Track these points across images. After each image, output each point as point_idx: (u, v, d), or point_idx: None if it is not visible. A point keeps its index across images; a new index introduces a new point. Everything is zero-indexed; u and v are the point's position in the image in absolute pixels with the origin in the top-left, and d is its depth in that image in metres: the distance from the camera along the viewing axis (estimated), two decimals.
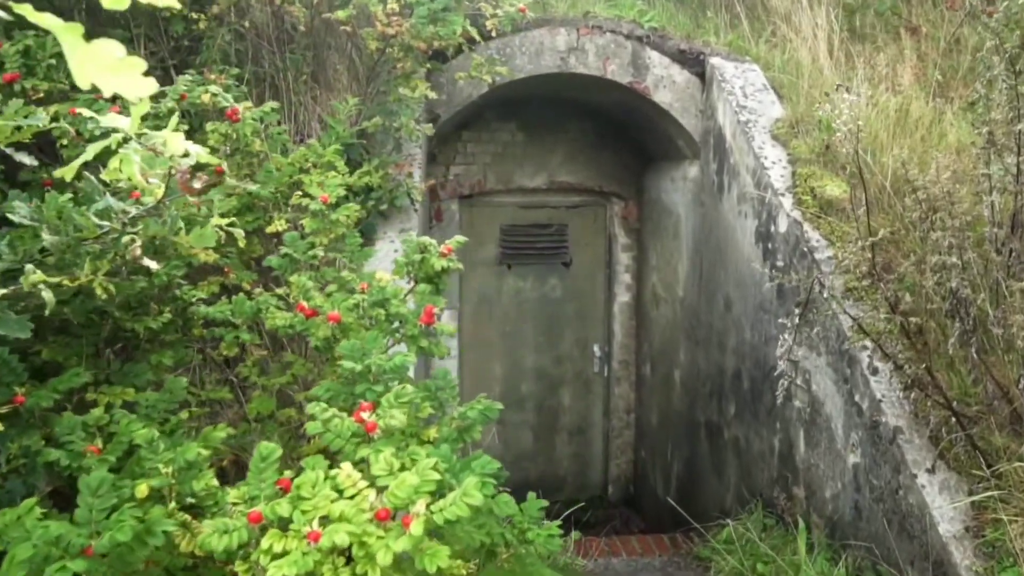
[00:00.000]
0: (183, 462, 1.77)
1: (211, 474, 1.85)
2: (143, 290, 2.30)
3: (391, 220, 4.14)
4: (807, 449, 4.15)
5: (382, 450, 1.73)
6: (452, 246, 2.66)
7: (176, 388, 2.24)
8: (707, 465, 5.66)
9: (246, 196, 2.96)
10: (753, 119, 5.05)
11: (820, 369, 3.99)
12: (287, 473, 1.73)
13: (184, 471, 1.79)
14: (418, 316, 2.40)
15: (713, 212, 5.53)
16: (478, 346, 7.57)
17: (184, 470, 1.79)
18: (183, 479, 1.79)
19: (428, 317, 2.40)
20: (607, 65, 5.69)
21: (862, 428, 3.59)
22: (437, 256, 2.56)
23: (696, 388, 5.91)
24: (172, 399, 2.22)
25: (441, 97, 5.60)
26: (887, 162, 4.19)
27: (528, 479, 7.81)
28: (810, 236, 4.19)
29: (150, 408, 2.17)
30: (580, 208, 7.58)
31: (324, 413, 1.86)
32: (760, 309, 4.74)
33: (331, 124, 3.69)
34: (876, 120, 4.60)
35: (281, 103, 4.24)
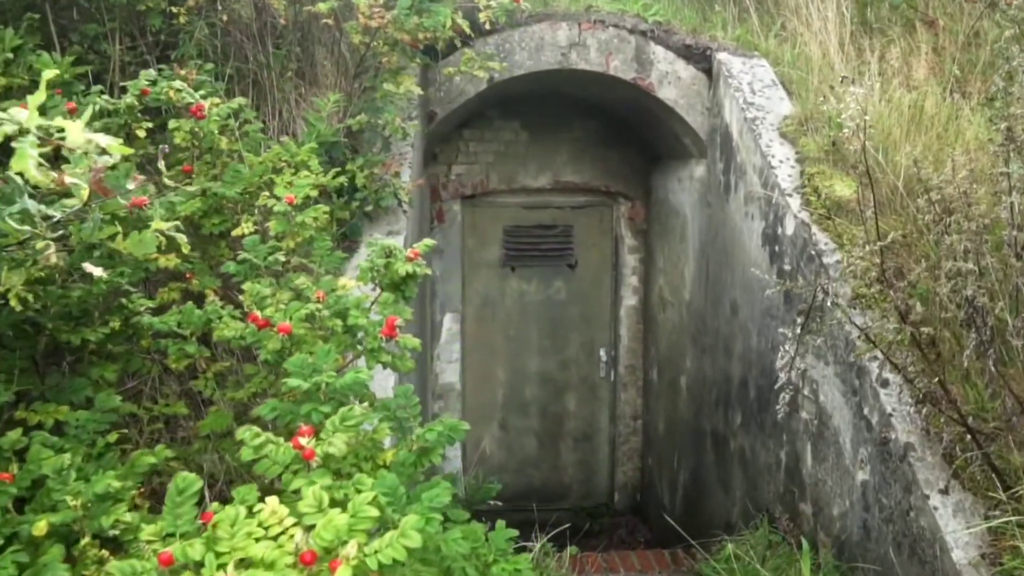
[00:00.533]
0: (92, 494, 1.60)
1: (124, 507, 1.68)
2: (81, 299, 2.14)
3: (378, 222, 3.97)
4: (814, 464, 3.94)
5: (315, 482, 1.56)
6: (420, 250, 2.47)
7: (106, 405, 2.07)
8: (713, 476, 5.45)
9: (212, 197, 2.80)
10: (761, 116, 4.84)
11: (828, 379, 3.77)
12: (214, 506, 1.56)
13: (97, 503, 1.62)
14: (379, 328, 2.22)
15: (720, 213, 5.31)
16: (481, 350, 7.40)
17: (97, 502, 1.62)
18: (95, 512, 1.62)
19: (390, 329, 2.22)
20: (610, 61, 5.49)
21: (871, 443, 3.38)
22: (403, 260, 2.37)
23: (702, 395, 5.70)
24: (103, 419, 2.04)
25: (438, 94, 5.44)
26: (900, 161, 3.97)
27: (532, 486, 7.63)
28: (818, 239, 3.97)
29: (80, 428, 2.01)
30: (586, 208, 7.38)
31: (255, 439, 1.68)
32: (767, 315, 4.52)
33: (311, 121, 3.53)
34: (889, 116, 4.37)
35: (265, 100, 4.09)
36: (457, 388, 7.33)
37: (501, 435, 7.58)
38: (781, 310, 4.29)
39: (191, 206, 2.71)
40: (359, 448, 1.89)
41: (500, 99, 6.55)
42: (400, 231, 3.97)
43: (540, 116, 7.02)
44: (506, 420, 7.54)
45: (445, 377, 7.30)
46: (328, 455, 1.68)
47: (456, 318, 7.26)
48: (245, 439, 1.70)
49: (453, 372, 7.31)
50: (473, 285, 7.35)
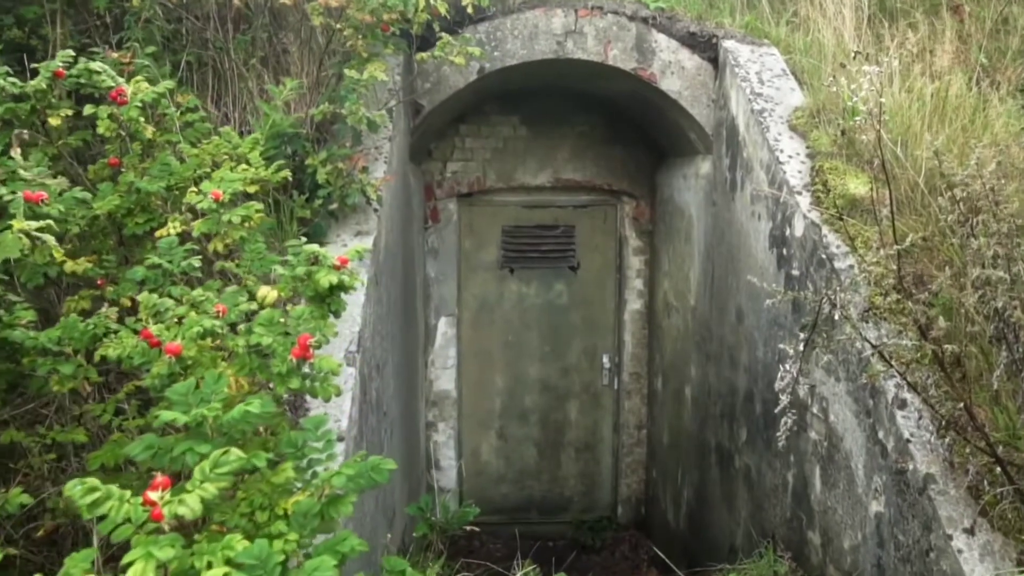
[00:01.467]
0: None
1: None
2: None
3: (346, 222, 3.65)
4: (824, 489, 3.57)
5: (153, 553, 1.24)
6: (349, 257, 2.14)
7: None
8: (717, 494, 5.09)
9: (135, 194, 2.49)
10: (769, 108, 4.47)
11: (839, 398, 3.40)
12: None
13: None
14: (289, 348, 1.90)
15: (725, 213, 4.95)
16: (478, 356, 7.07)
17: None
18: None
19: (302, 349, 1.90)
20: (608, 50, 5.14)
21: (886, 472, 3.01)
22: (329, 268, 2.05)
23: (707, 407, 5.34)
24: None
25: (424, 86, 5.12)
26: (920, 155, 3.59)
27: (532, 498, 7.30)
28: (829, 241, 3.60)
29: None
30: (588, 208, 7.03)
31: (87, 496, 1.36)
32: (774, 324, 4.16)
33: (266, 110, 3.21)
34: (909, 107, 3.99)
35: (227, 90, 3.78)
36: (453, 395, 7.01)
37: (499, 444, 7.25)
38: (789, 319, 3.93)
39: (109, 203, 2.41)
40: (254, 495, 1.58)
41: (497, 93, 6.22)
42: (370, 232, 3.64)
43: (540, 111, 6.68)
44: (504, 429, 7.21)
45: (440, 384, 6.98)
46: (177, 516, 1.35)
47: (452, 322, 6.94)
48: (74, 495, 1.37)
49: (448, 379, 7.00)
50: (470, 288, 7.02)
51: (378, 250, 3.72)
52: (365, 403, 3.34)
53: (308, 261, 2.07)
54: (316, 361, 1.93)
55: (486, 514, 7.40)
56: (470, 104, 6.27)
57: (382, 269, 3.89)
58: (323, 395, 1.96)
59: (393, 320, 4.34)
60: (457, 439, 7.10)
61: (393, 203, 4.33)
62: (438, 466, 7.09)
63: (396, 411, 4.53)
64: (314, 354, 1.92)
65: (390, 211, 4.19)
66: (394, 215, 4.36)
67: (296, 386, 1.88)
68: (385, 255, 4.00)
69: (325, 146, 3.57)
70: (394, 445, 4.36)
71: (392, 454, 4.28)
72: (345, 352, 3.13)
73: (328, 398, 1.97)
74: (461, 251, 6.94)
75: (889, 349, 2.58)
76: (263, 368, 1.92)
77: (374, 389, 3.61)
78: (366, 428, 3.35)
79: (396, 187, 4.48)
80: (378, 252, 3.73)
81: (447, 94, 5.14)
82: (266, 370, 1.91)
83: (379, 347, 3.80)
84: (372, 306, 3.57)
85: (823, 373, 3.53)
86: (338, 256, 2.09)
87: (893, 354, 2.61)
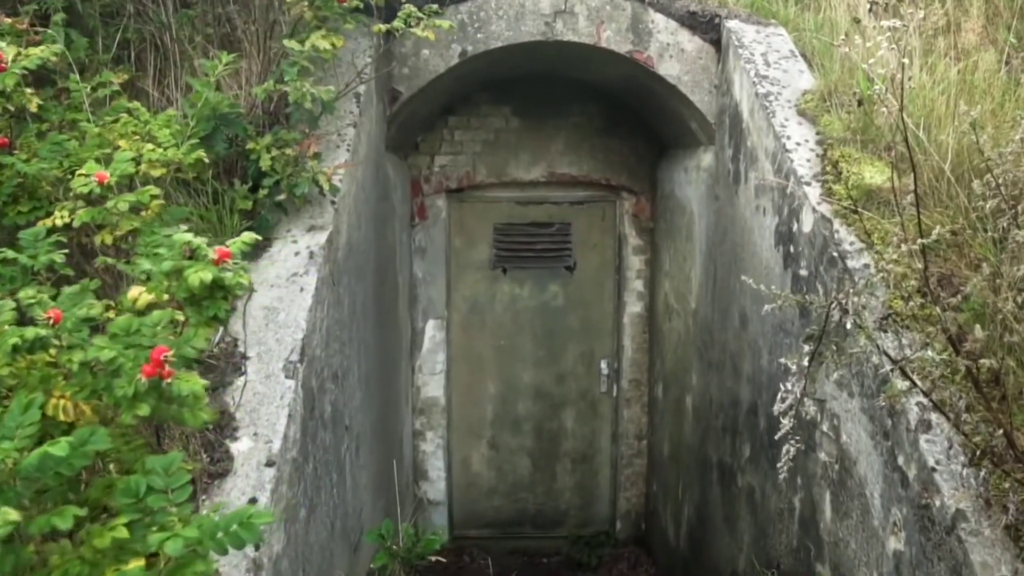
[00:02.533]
0: None
1: None
2: None
3: (298, 215, 3.26)
4: (834, 518, 3.15)
5: None
6: (233, 249, 1.75)
7: None
8: (719, 515, 4.67)
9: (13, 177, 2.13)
10: (775, 91, 4.05)
11: (852, 415, 2.99)
12: None
13: None
14: (139, 365, 1.51)
15: (728, 208, 4.53)
16: (468, 361, 6.68)
17: None
18: None
19: (154, 367, 1.51)
20: (601, 31, 4.74)
21: (907, 504, 2.59)
22: (206, 264, 1.66)
23: (708, 420, 4.92)
24: None
25: (402, 71, 4.74)
26: (946, 140, 3.17)
27: (525, 512, 6.90)
28: (842, 237, 3.19)
29: None
30: (585, 204, 6.62)
31: None
32: (780, 329, 3.75)
33: (197, 88, 2.83)
34: (932, 88, 3.57)
35: (168, 70, 3.41)
36: (441, 403, 6.61)
37: (491, 455, 6.85)
38: (796, 325, 3.51)
39: None
40: (70, 564, 1.20)
41: (485, 80, 5.83)
42: (325, 226, 3.25)
43: (533, 101, 6.28)
44: (496, 438, 6.81)
45: (428, 391, 6.59)
46: None
47: (440, 325, 6.55)
48: None
49: (437, 385, 6.60)
50: (459, 289, 6.63)
51: (335, 247, 3.33)
52: (312, 419, 2.95)
53: (182, 254, 1.68)
54: (173, 382, 1.54)
55: (477, 528, 7.05)
56: (457, 93, 5.88)
57: (342, 268, 3.50)
58: (193, 423, 1.58)
59: (360, 324, 3.95)
60: (446, 449, 6.71)
61: (360, 196, 3.94)
62: (426, 477, 6.70)
63: (365, 424, 4.14)
64: (173, 372, 1.53)
65: (355, 204, 3.80)
66: (362, 209, 3.97)
67: (145, 413, 1.49)
68: (347, 253, 3.61)
69: (271, 130, 3.19)
70: (361, 462, 3.97)
71: (358, 472, 3.89)
72: (285, 363, 2.75)
73: (199, 426, 1.59)
74: (450, 250, 6.54)
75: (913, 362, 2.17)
76: (109, 390, 1.53)
77: (328, 402, 3.23)
78: (314, 448, 2.96)
79: (366, 178, 4.09)
80: (335, 249, 3.34)
81: (427, 79, 4.75)
82: (112, 392, 1.52)
83: (337, 355, 3.42)
84: (326, 310, 3.18)
85: (834, 387, 3.11)
86: (219, 249, 1.70)
87: (917, 368, 2.20)
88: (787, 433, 2.13)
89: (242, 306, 2.91)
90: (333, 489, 3.30)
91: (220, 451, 2.48)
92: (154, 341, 1.55)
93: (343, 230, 3.51)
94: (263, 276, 3.04)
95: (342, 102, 3.80)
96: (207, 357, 2.69)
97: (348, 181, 3.61)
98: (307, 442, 2.86)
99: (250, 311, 2.90)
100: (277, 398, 2.65)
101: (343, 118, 3.74)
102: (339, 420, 3.46)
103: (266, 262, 3.09)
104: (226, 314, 1.74)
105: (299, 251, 3.13)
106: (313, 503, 2.95)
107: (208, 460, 2.44)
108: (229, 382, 2.69)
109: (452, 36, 4.64)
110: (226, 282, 1.65)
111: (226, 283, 1.65)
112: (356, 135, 3.76)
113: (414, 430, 6.59)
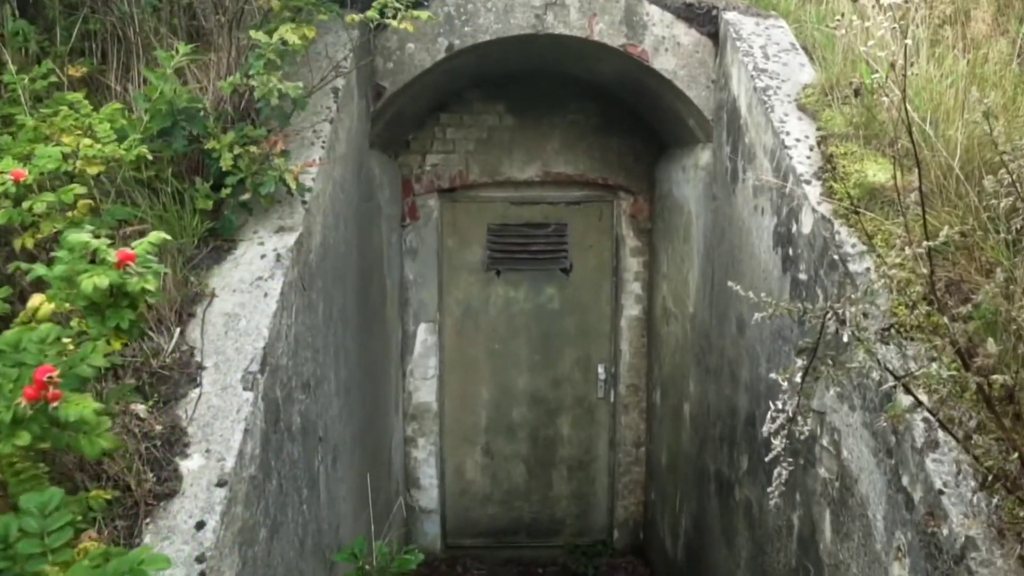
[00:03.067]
0: None
1: None
2: None
3: (266, 216, 3.08)
4: (835, 539, 2.96)
5: None
6: (138, 251, 1.56)
7: None
8: (716, 528, 4.47)
9: None
10: (774, 85, 3.86)
11: (853, 430, 2.79)
12: None
13: None
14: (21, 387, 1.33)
15: (726, 207, 4.34)
16: (462, 366, 6.49)
17: None
18: None
19: (36, 389, 1.31)
20: (593, 24, 4.54)
21: (912, 528, 2.39)
22: (106, 268, 1.47)
23: (706, 429, 4.72)
24: None
25: (386, 65, 4.56)
26: (955, 135, 2.97)
27: (520, 520, 6.71)
28: (843, 239, 2.99)
29: None
30: (582, 204, 6.42)
31: None
32: (779, 336, 3.55)
33: (153, 80, 2.66)
34: (940, 81, 3.37)
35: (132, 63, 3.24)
36: (433, 408, 6.43)
37: (485, 462, 6.66)
38: (795, 332, 3.32)
39: None
40: None
41: (476, 76, 5.65)
42: (294, 228, 3.07)
43: (527, 98, 6.09)
44: (490, 445, 6.62)
45: (419, 396, 6.41)
46: None
47: (432, 329, 6.37)
48: None
49: (429, 390, 6.42)
50: (452, 292, 6.45)
51: (305, 249, 3.15)
52: (277, 433, 2.77)
53: (82, 256, 1.50)
54: (60, 406, 1.36)
55: (471, 537, 6.87)
56: (448, 90, 5.70)
57: (316, 271, 3.32)
58: (90, 452, 1.40)
59: (338, 330, 3.77)
60: (439, 456, 6.53)
61: (339, 195, 3.76)
62: (418, 485, 6.52)
63: (344, 434, 3.96)
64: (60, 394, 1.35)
65: (332, 204, 3.62)
66: (340, 209, 3.79)
67: (25, 442, 1.31)
68: (322, 255, 3.43)
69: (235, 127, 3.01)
70: (339, 474, 3.79)
71: (335, 485, 3.72)
72: (243, 373, 2.56)
73: (94, 456, 1.41)
74: (442, 251, 6.36)
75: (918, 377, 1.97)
76: None
77: (297, 413, 3.05)
78: (278, 463, 2.78)
79: (346, 177, 3.91)
80: (306, 251, 3.16)
81: (412, 74, 4.57)
82: None
83: (309, 363, 3.24)
84: (294, 316, 3.00)
85: (835, 399, 2.92)
86: (120, 251, 1.51)
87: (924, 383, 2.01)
88: (778, 455, 1.94)
89: (201, 312, 2.74)
90: (303, 505, 3.11)
91: (168, 469, 2.30)
92: (42, 359, 1.37)
93: (316, 231, 3.33)
94: (226, 280, 2.86)
95: (318, 97, 3.62)
96: (159, 367, 2.52)
97: (323, 180, 3.43)
98: (269, 457, 2.68)
99: (209, 318, 2.73)
100: (233, 412, 2.47)
101: (319, 114, 3.57)
102: (311, 431, 3.28)
103: (229, 265, 2.91)
104: (130, 324, 1.56)
105: (265, 254, 2.96)
106: (277, 521, 2.77)
107: (155, 479, 2.26)
108: (183, 394, 2.51)
109: (438, 29, 4.47)
110: (128, 288, 1.46)
111: (128, 289, 1.47)
112: (333, 132, 3.58)
113: (405, 436, 6.42)
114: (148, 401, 2.42)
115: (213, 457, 2.35)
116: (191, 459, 2.34)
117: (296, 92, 2.93)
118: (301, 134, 3.44)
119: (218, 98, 3.20)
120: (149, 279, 1.52)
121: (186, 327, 2.69)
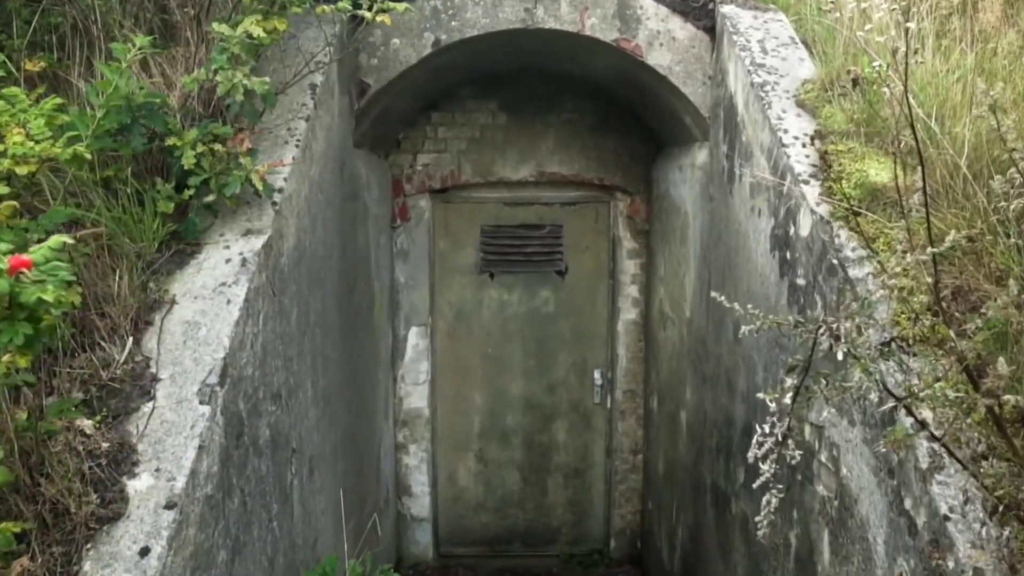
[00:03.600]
0: None
1: None
2: None
3: (234, 218, 2.92)
4: (833, 561, 2.79)
5: None
6: (36, 257, 1.41)
7: None
8: (712, 542, 4.30)
9: None
10: (772, 81, 3.69)
11: (853, 446, 2.62)
12: None
13: None
14: None
15: (723, 208, 4.17)
16: (454, 370, 6.34)
17: None
18: None
19: None
20: (585, 18, 4.38)
21: (915, 555, 2.22)
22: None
23: (703, 438, 4.55)
24: None
25: (371, 62, 4.40)
26: (962, 132, 2.79)
27: (515, 528, 6.55)
28: (842, 243, 2.82)
29: None
30: (577, 205, 6.26)
31: None
32: (775, 344, 3.39)
33: (108, 74, 2.50)
34: (947, 76, 3.20)
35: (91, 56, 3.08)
36: (425, 414, 6.28)
37: (478, 469, 6.51)
38: (793, 340, 3.15)
39: None
40: None
41: (466, 73, 5.49)
42: (263, 230, 2.91)
43: (521, 96, 5.93)
44: (484, 451, 6.46)
45: (411, 401, 6.25)
46: None
47: (424, 333, 6.21)
48: None
49: (420, 396, 6.26)
50: (444, 295, 6.29)
51: (276, 253, 2.99)
52: (239, 448, 2.61)
53: None
54: None
55: (464, 545, 6.70)
56: (438, 87, 5.54)
57: (288, 276, 3.16)
58: None
59: (316, 336, 3.61)
60: (431, 463, 6.37)
61: (316, 196, 3.60)
62: (409, 492, 6.36)
63: (324, 444, 3.80)
64: None
65: (308, 205, 3.46)
66: (318, 210, 3.63)
67: None
68: (296, 259, 3.27)
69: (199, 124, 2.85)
70: (316, 487, 3.63)
71: (311, 498, 3.56)
72: (200, 386, 2.40)
73: None
74: (434, 253, 6.21)
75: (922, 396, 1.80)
76: None
77: (265, 426, 2.89)
78: (241, 480, 2.62)
79: (324, 177, 3.75)
80: (276, 255, 3.00)
81: (398, 71, 4.41)
82: None
83: (280, 372, 3.08)
84: (263, 323, 2.85)
85: (834, 412, 2.75)
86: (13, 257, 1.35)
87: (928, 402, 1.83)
88: (767, 482, 1.77)
89: (159, 320, 2.59)
90: (272, 522, 2.96)
91: (114, 490, 2.15)
92: None
93: (289, 233, 3.18)
94: (187, 286, 2.70)
95: (294, 93, 3.47)
96: (109, 379, 2.36)
97: (298, 179, 3.27)
98: (230, 474, 2.52)
99: (168, 327, 2.57)
100: (187, 427, 2.31)
101: (294, 111, 3.41)
102: (282, 444, 3.12)
103: (192, 270, 2.76)
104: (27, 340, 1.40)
105: (231, 258, 2.80)
106: (240, 542, 2.61)
107: (98, 501, 2.11)
108: (135, 408, 2.35)
109: (424, 24, 4.31)
110: (22, 299, 1.31)
111: (22, 300, 1.31)
112: (309, 129, 3.43)
113: (396, 443, 6.26)
114: (96, 416, 2.27)
115: (163, 476, 2.19)
116: (139, 479, 2.19)
117: (263, 88, 2.78)
118: (274, 132, 3.28)
119: (185, 95, 3.05)
120: (48, 289, 1.36)
121: (142, 336, 2.54)
